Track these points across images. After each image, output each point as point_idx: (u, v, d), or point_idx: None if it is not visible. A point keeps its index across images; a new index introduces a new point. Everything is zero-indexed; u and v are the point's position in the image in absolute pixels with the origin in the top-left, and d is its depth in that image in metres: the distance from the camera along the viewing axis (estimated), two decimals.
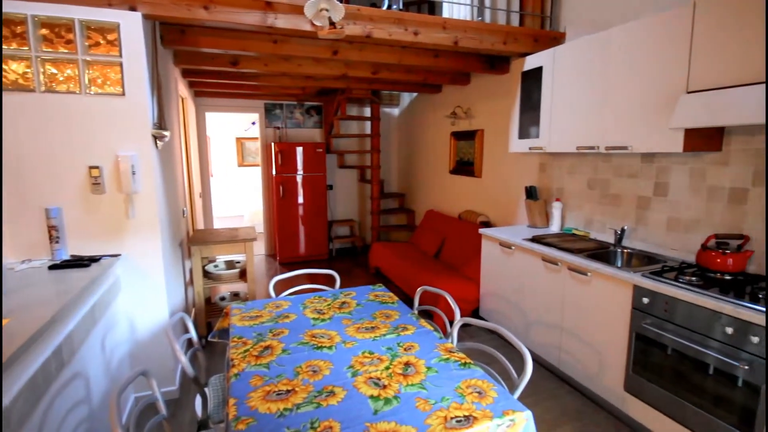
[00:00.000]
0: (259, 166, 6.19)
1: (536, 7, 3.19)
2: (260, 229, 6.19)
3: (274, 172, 5.29)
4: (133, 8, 2.10)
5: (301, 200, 5.44)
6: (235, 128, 7.44)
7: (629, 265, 2.56)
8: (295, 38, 2.88)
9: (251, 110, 5.68)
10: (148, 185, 2.25)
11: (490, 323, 1.76)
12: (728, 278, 1.98)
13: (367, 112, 5.84)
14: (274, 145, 5.23)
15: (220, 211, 6.98)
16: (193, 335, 1.85)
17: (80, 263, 2.01)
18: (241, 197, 7.58)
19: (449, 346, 1.67)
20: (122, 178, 2.14)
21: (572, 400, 2.48)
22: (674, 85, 2.06)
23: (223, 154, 7.49)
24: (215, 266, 3.52)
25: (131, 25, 2.10)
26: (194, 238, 3.32)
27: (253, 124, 7.07)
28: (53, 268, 1.97)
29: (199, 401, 1.74)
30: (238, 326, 1.86)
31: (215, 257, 4.06)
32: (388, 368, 1.49)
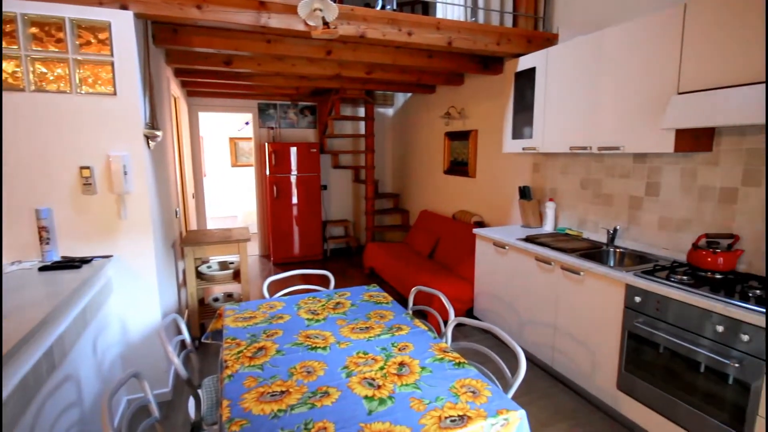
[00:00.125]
0: (252, 166, 6.16)
1: (529, 8, 3.21)
2: (254, 229, 6.16)
3: (267, 172, 5.27)
4: (124, 7, 2.09)
5: (295, 200, 5.42)
6: (228, 128, 7.40)
7: (622, 264, 2.59)
8: (288, 38, 2.87)
9: (245, 110, 5.65)
10: (140, 185, 2.23)
11: (484, 323, 1.77)
12: (719, 277, 2.01)
13: (361, 112, 5.83)
14: (267, 145, 5.21)
15: (213, 211, 6.94)
16: (186, 337, 1.84)
17: (71, 264, 1.99)
18: (234, 198, 7.54)
19: (443, 345, 1.67)
20: (114, 178, 2.12)
21: (566, 398, 2.50)
22: (665, 86, 2.08)
23: (216, 154, 7.44)
24: (208, 267, 3.50)
25: (123, 24, 2.08)
26: (187, 238, 3.29)
27: (246, 124, 7.04)
28: (44, 269, 1.95)
29: (192, 403, 1.73)
30: (231, 327, 1.85)
31: (208, 258, 4.03)
32: (382, 368, 1.49)
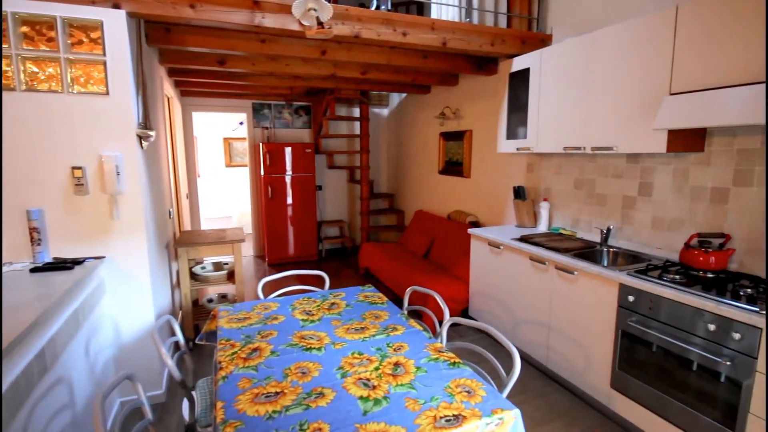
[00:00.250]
0: (247, 166, 6.14)
1: (523, 9, 3.22)
2: (248, 230, 6.14)
3: (262, 172, 5.25)
4: (117, 6, 2.07)
5: (290, 201, 5.41)
6: (222, 128, 7.36)
7: (615, 263, 2.60)
8: (283, 38, 2.86)
9: (239, 110, 5.62)
10: (133, 186, 2.21)
11: (479, 323, 1.77)
12: (711, 276, 2.03)
13: (356, 112, 5.83)
14: (262, 145, 5.19)
15: (207, 212, 6.90)
16: (179, 338, 1.82)
17: (63, 266, 1.97)
18: (229, 198, 7.51)
19: (438, 345, 1.68)
20: (106, 178, 2.11)
21: (560, 397, 2.51)
22: (658, 86, 2.10)
23: (210, 154, 7.41)
24: (202, 268, 3.48)
25: (115, 23, 2.06)
26: (181, 239, 3.27)
27: (240, 124, 7.00)
28: (35, 271, 1.92)
29: (186, 405, 1.72)
30: (225, 328, 1.84)
31: (202, 259, 4.01)
32: (377, 369, 1.49)
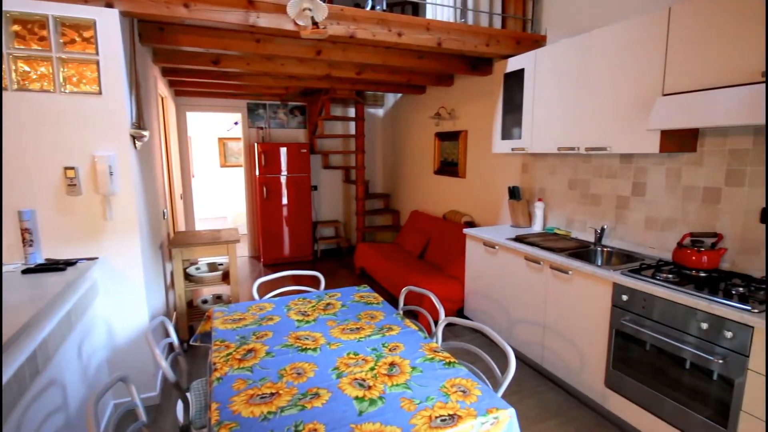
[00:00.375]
0: (242, 166, 6.11)
1: (518, 9, 3.24)
2: (243, 230, 6.11)
3: (257, 172, 5.23)
4: (110, 5, 2.05)
5: (285, 201, 5.39)
6: (217, 128, 7.33)
7: (609, 263, 2.62)
8: (278, 38, 2.85)
9: (234, 110, 5.60)
10: (126, 186, 2.20)
11: (474, 322, 1.77)
12: (703, 275, 2.04)
13: (351, 112, 5.82)
14: (257, 145, 5.17)
15: (202, 212, 6.87)
16: (174, 339, 1.81)
17: (55, 267, 1.95)
18: (223, 198, 7.47)
19: (434, 345, 1.68)
20: (99, 179, 2.09)
21: (555, 396, 2.52)
22: (651, 87, 2.12)
23: (205, 154, 7.36)
24: (197, 269, 3.46)
25: (108, 22, 2.04)
26: (175, 240, 3.25)
27: (235, 124, 6.98)
28: (27, 272, 1.91)
29: (180, 407, 1.71)
30: (220, 329, 1.83)
31: (197, 259, 3.99)
32: (373, 369, 1.49)
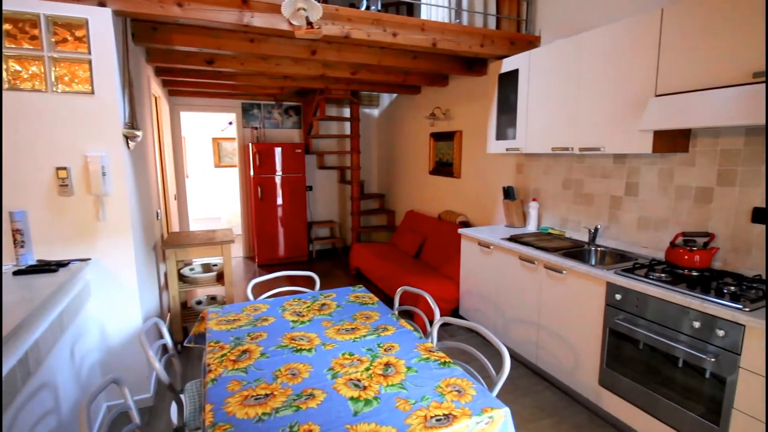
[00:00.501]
0: (236, 166, 6.09)
1: (512, 10, 3.25)
2: (238, 231, 6.10)
3: (252, 173, 5.21)
4: (102, 4, 2.04)
5: (280, 201, 5.37)
6: (211, 128, 7.29)
7: (602, 262, 2.64)
8: (272, 37, 2.85)
9: (228, 110, 5.57)
10: (119, 187, 2.18)
11: (469, 322, 1.78)
12: (695, 274, 2.06)
13: (346, 112, 5.82)
14: (251, 145, 5.15)
15: (196, 213, 6.83)
16: (167, 341, 1.80)
17: (47, 268, 1.93)
18: (218, 199, 7.44)
19: (429, 345, 1.68)
20: (92, 179, 2.07)
21: (549, 395, 2.53)
22: (643, 88, 2.13)
23: (199, 154, 7.32)
24: (191, 269, 3.44)
25: (100, 21, 2.03)
26: (169, 240, 3.23)
27: (230, 124, 6.94)
28: (18, 273, 1.88)
29: (174, 408, 1.70)
30: (214, 330, 1.82)
31: (191, 260, 3.97)
32: (368, 369, 1.49)
